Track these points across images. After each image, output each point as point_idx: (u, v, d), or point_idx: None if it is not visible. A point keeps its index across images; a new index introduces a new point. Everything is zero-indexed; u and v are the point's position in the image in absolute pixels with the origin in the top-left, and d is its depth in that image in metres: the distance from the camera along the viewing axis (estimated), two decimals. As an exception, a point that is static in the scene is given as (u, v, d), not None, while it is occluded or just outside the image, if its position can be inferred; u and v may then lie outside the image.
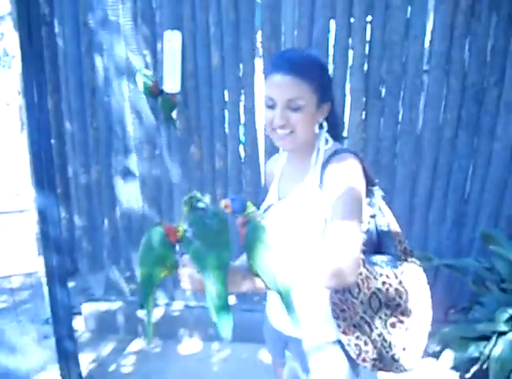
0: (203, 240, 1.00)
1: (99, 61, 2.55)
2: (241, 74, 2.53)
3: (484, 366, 1.90)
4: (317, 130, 1.22)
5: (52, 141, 1.95)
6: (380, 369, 1.24)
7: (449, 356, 2.08)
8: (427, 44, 2.42)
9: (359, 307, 1.18)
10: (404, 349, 1.22)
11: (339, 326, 1.20)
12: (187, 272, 1.04)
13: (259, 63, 2.57)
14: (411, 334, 1.23)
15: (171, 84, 2.43)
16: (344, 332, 1.20)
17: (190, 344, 2.87)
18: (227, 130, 2.64)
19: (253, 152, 2.65)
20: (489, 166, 2.49)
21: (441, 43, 2.35)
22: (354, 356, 1.21)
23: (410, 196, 2.61)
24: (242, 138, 2.66)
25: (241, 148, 2.68)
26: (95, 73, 2.59)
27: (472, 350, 2.02)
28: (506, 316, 1.96)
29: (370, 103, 2.48)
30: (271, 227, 1.27)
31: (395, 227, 1.29)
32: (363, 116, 2.51)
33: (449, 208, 2.59)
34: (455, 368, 2.29)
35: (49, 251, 2.02)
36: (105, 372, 2.60)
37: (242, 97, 2.57)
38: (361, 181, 1.15)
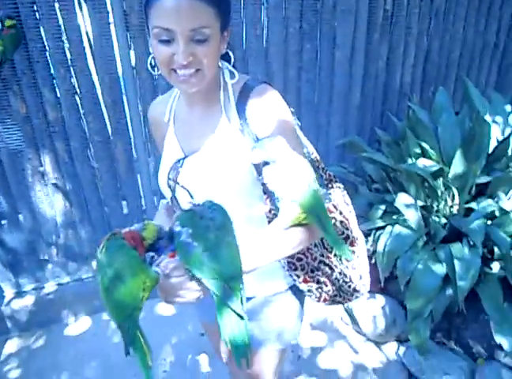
0: (205, 240, 0.78)
1: None
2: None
3: (372, 262, 2.14)
4: (219, 63, 1.05)
5: None
6: (339, 303, 1.25)
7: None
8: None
9: (314, 250, 1.15)
10: (360, 277, 1.24)
11: (298, 276, 1.15)
12: (177, 283, 0.83)
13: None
14: (361, 259, 1.25)
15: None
16: (304, 281, 1.16)
17: (77, 324, 2.57)
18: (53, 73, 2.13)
19: (90, 95, 2.24)
20: (333, 76, 2.62)
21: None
22: (315, 300, 1.20)
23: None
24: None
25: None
26: None
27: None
28: (380, 212, 2.20)
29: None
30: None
31: (316, 156, 1.21)
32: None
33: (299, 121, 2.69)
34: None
35: None
36: (-16, 386, 2.19)
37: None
38: (288, 111, 1.06)
